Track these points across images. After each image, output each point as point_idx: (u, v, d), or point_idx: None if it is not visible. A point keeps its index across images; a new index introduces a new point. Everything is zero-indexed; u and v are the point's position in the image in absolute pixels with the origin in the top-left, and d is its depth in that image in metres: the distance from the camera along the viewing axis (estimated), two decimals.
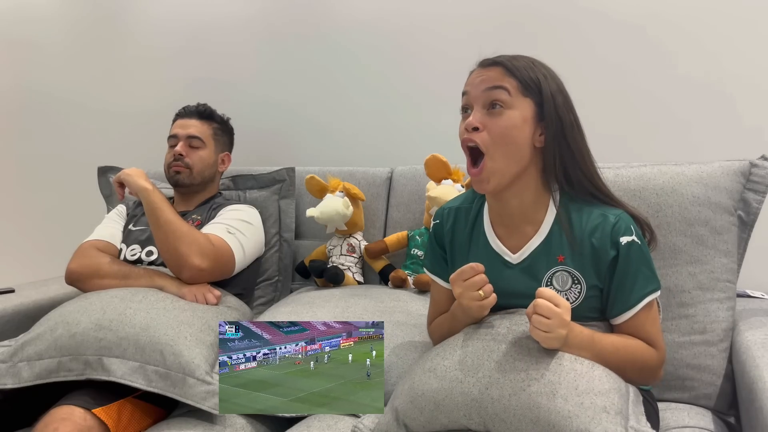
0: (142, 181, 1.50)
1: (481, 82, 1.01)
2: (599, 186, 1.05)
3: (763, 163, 1.24)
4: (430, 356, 1.02)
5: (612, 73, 1.73)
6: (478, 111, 1.01)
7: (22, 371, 1.17)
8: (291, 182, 1.83)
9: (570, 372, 0.89)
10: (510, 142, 0.99)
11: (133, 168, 1.55)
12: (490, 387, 0.90)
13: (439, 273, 1.17)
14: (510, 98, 0.99)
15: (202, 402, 1.13)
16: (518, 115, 0.99)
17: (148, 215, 1.46)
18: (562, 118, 1.00)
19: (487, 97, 1.00)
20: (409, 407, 0.97)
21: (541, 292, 0.91)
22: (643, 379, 1.03)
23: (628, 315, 1.01)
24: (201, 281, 1.42)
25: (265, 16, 2.17)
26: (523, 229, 1.06)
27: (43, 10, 2.52)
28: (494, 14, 1.86)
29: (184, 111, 1.74)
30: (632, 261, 1.00)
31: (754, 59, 1.60)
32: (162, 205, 1.46)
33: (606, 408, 0.86)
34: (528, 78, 1.00)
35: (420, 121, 1.98)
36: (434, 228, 1.17)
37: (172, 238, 1.41)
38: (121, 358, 1.16)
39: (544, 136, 1.01)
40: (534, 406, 0.87)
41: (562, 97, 1.02)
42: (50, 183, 2.54)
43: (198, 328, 1.24)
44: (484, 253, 1.08)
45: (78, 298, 1.33)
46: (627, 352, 0.99)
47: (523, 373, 0.90)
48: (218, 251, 1.45)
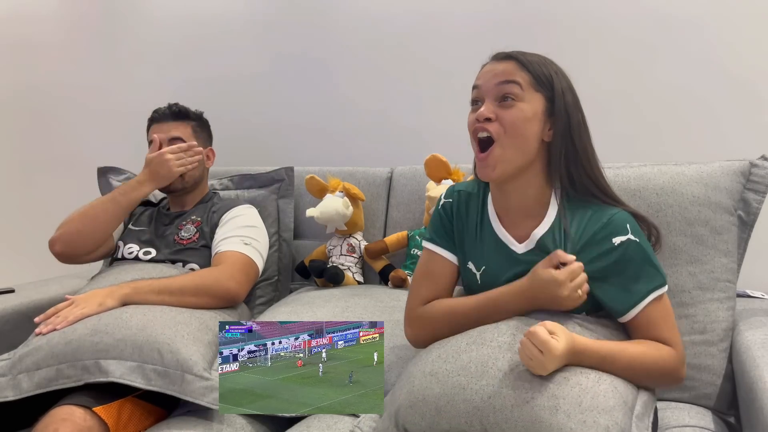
0: (110, 300, 1.29)
1: (493, 76, 1.02)
2: (603, 186, 1.06)
3: (763, 163, 1.24)
4: (429, 359, 0.99)
5: (612, 73, 1.73)
6: (490, 103, 1.01)
7: (22, 382, 1.17)
8: (290, 182, 1.83)
9: (575, 386, 0.88)
10: (520, 134, 1.00)
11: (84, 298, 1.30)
12: (493, 396, 0.88)
13: (445, 245, 1.14)
14: (522, 92, 1.00)
15: (201, 398, 1.13)
16: (529, 108, 1.00)
17: (161, 300, 1.33)
18: (570, 115, 1.02)
19: (500, 90, 1.01)
20: (409, 412, 0.95)
21: (544, 324, 0.89)
22: (665, 384, 1.02)
23: (635, 312, 1.00)
24: (243, 298, 1.46)
25: (264, 16, 2.17)
26: (526, 222, 1.06)
27: (42, 10, 2.52)
28: (495, 14, 1.86)
29: (157, 115, 1.68)
30: (629, 259, 1.00)
31: (754, 59, 1.61)
32: (160, 292, 1.32)
33: (608, 428, 0.84)
34: (540, 73, 1.01)
35: (420, 121, 1.98)
36: (445, 205, 1.16)
37: (196, 294, 1.35)
38: (119, 359, 1.16)
39: (552, 131, 1.02)
40: (536, 420, 0.85)
41: (571, 95, 1.04)
42: (50, 183, 2.54)
43: (195, 327, 1.25)
44: (492, 241, 1.09)
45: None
46: (644, 363, 0.96)
47: (527, 384, 0.88)
48: (244, 268, 1.45)
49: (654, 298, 1.00)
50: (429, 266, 1.15)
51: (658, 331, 1.00)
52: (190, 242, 1.56)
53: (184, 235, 1.57)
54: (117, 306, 1.28)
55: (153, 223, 1.64)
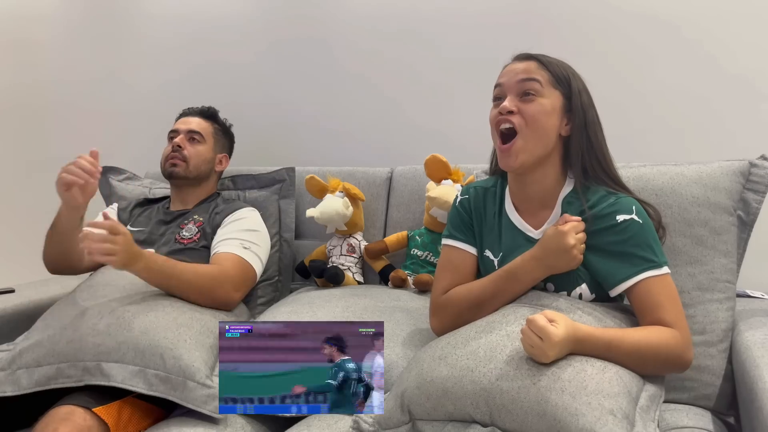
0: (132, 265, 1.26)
1: (516, 74, 1.10)
2: (615, 177, 1.13)
3: (762, 163, 1.24)
4: (440, 345, 1.03)
5: (612, 73, 1.73)
6: (512, 98, 1.09)
7: (21, 378, 1.17)
8: (291, 182, 1.83)
9: (580, 372, 0.90)
10: (540, 126, 1.08)
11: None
12: (500, 378, 0.91)
13: (464, 239, 1.21)
14: (542, 88, 1.09)
15: (203, 406, 1.13)
16: (549, 103, 1.09)
17: (160, 283, 1.34)
18: (586, 112, 1.11)
19: (522, 86, 1.09)
20: (416, 393, 0.98)
21: (545, 312, 0.93)
22: (672, 368, 1.02)
23: (625, 285, 1.04)
24: (233, 306, 1.44)
25: (264, 16, 2.17)
26: (542, 211, 1.14)
27: (42, 10, 2.52)
28: (495, 14, 1.86)
29: (188, 110, 1.77)
30: (630, 237, 1.05)
31: (755, 59, 1.61)
32: (164, 268, 1.32)
33: (613, 411, 0.86)
34: (559, 73, 1.11)
35: (420, 121, 1.98)
36: (462, 201, 1.23)
37: (189, 289, 1.35)
38: (121, 362, 1.16)
39: (569, 125, 1.11)
40: (542, 400, 0.87)
41: (586, 95, 1.13)
42: (50, 183, 2.53)
43: (197, 330, 1.24)
44: (510, 229, 1.16)
45: (74, 300, 1.32)
46: (649, 346, 0.98)
47: (534, 368, 0.91)
48: (244, 277, 1.46)
49: (651, 278, 1.02)
50: (450, 259, 1.22)
51: (663, 312, 1.02)
52: (191, 242, 1.55)
53: (186, 234, 1.57)
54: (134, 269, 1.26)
55: (152, 222, 1.64)
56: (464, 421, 0.95)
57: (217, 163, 1.75)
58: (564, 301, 1.06)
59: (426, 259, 1.63)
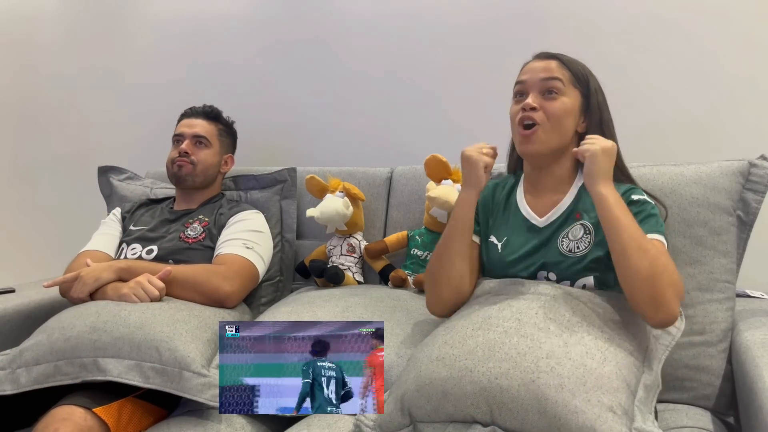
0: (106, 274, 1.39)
1: (538, 72, 1.15)
2: (628, 174, 1.19)
3: (762, 163, 1.24)
4: (436, 345, 1.02)
5: (612, 73, 1.72)
6: (535, 95, 1.14)
7: (21, 377, 1.18)
8: (292, 182, 1.83)
9: (579, 367, 0.90)
10: (561, 123, 1.14)
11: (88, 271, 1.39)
12: (500, 377, 0.91)
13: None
14: (563, 87, 1.14)
15: (200, 394, 1.13)
16: (569, 102, 1.15)
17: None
18: (602, 111, 1.18)
19: (544, 84, 1.14)
20: (416, 396, 0.98)
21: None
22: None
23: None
24: (237, 303, 1.46)
25: (264, 16, 2.17)
26: (552, 199, 1.18)
27: (42, 10, 2.52)
28: (495, 15, 1.86)
29: (190, 111, 1.76)
30: (645, 208, 1.08)
31: (755, 59, 1.61)
32: (149, 265, 1.42)
33: (612, 408, 0.87)
34: (578, 72, 1.17)
35: (420, 121, 1.98)
36: None
37: (184, 287, 1.40)
38: (117, 357, 1.16)
39: (586, 123, 1.17)
40: (542, 397, 0.88)
41: (602, 94, 1.19)
42: (50, 183, 2.54)
43: (194, 325, 1.25)
44: (517, 216, 1.21)
45: (75, 306, 1.34)
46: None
47: (533, 365, 0.91)
48: (241, 271, 1.47)
49: (659, 242, 1.04)
50: None
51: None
52: (195, 242, 1.56)
53: (191, 233, 1.58)
54: (114, 279, 1.38)
55: (155, 221, 1.64)
56: (465, 422, 0.95)
57: (223, 165, 1.76)
58: (562, 291, 1.05)
59: (426, 259, 1.63)
